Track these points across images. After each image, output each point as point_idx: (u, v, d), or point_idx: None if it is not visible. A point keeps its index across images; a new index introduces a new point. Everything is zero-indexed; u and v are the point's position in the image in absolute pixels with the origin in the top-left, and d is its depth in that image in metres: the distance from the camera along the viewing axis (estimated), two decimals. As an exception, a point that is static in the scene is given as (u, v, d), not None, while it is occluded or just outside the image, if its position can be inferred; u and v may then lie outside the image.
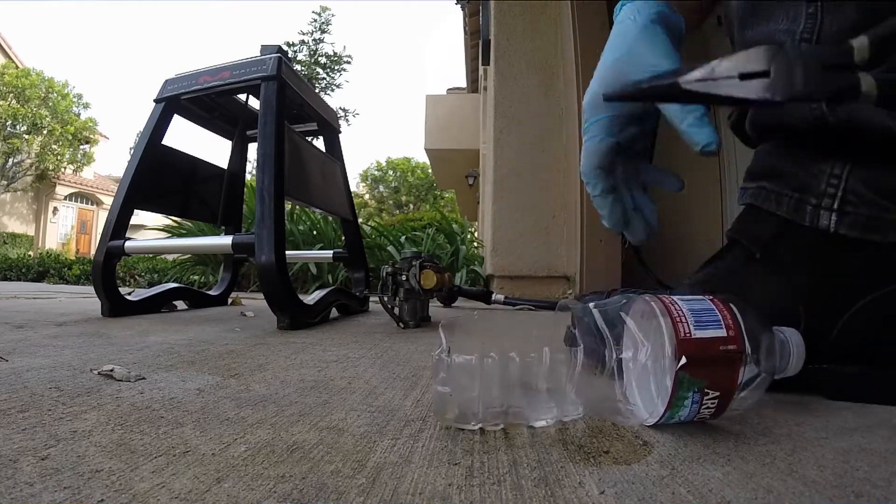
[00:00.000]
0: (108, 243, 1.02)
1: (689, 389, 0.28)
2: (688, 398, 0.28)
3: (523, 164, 1.72)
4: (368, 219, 7.61)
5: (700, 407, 0.29)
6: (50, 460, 0.25)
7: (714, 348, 0.29)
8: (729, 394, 0.29)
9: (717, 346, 0.29)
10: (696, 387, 0.28)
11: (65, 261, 4.38)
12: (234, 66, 1.05)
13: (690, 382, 0.28)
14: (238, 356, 0.57)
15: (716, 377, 0.28)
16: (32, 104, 11.11)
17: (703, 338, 0.29)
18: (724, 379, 0.29)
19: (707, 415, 0.30)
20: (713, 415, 0.30)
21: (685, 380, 0.28)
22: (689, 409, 0.29)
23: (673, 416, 0.30)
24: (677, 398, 0.28)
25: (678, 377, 0.28)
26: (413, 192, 18.56)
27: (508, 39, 1.76)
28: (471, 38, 4.41)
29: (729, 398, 0.29)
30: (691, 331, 0.29)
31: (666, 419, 0.30)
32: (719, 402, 0.29)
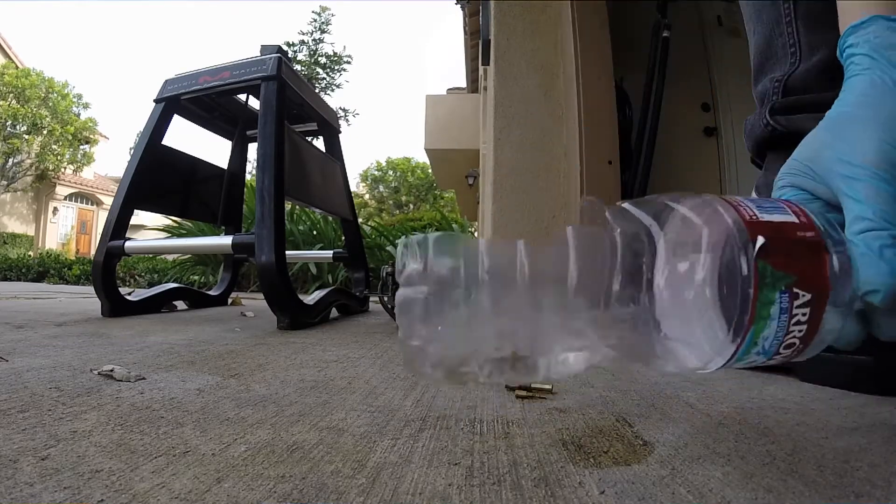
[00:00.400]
0: (108, 243, 1.02)
1: (776, 287, 0.20)
2: (774, 303, 0.21)
3: (523, 164, 1.72)
4: (368, 219, 7.62)
5: (789, 321, 0.21)
6: (50, 460, 0.25)
7: (791, 233, 0.22)
8: (822, 296, 0.21)
9: (794, 230, 0.22)
10: (783, 283, 0.21)
11: (65, 261, 4.39)
12: (234, 66, 1.05)
13: (775, 276, 0.20)
14: (238, 356, 0.57)
15: (804, 270, 0.21)
16: (32, 104, 11.10)
17: (774, 221, 0.22)
18: (814, 272, 0.21)
19: (797, 336, 0.22)
20: (804, 337, 0.22)
21: (768, 272, 0.20)
22: (776, 322, 0.21)
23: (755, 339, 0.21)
24: (762, 302, 0.20)
25: (759, 268, 0.20)
26: (413, 192, 18.56)
27: (508, 39, 1.76)
28: (471, 38, 4.41)
29: (822, 304, 0.21)
30: (757, 214, 0.22)
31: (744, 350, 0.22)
32: (811, 313, 0.21)
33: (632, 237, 0.23)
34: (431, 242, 0.23)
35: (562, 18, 1.71)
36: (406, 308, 0.22)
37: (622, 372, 0.51)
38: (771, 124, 0.53)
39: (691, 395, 0.41)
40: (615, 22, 1.67)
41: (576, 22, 1.57)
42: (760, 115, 0.55)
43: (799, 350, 0.23)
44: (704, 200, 0.23)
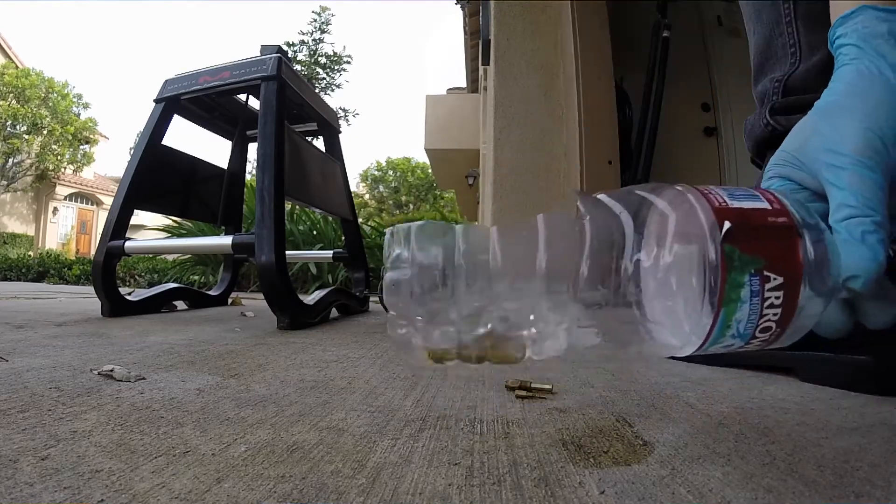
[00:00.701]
0: (108, 243, 1.02)
1: (744, 271, 0.21)
2: (744, 286, 0.21)
3: (523, 164, 1.72)
4: (368, 219, 7.62)
5: (762, 304, 0.21)
6: (50, 460, 0.25)
7: (761, 218, 0.22)
8: (795, 279, 0.21)
9: (765, 216, 0.22)
10: (752, 267, 0.21)
11: (65, 261, 4.38)
12: (234, 66, 1.05)
13: (743, 260, 0.21)
14: (238, 356, 0.57)
15: (774, 254, 0.21)
16: (32, 104, 11.10)
17: (743, 207, 0.22)
18: (785, 256, 0.22)
19: (772, 319, 0.22)
20: (780, 321, 0.22)
21: (735, 256, 0.21)
22: (748, 305, 0.21)
23: (727, 322, 0.22)
24: (730, 285, 0.21)
25: (725, 253, 0.21)
26: (413, 192, 18.56)
27: (508, 39, 1.76)
28: (471, 38, 4.41)
29: (796, 288, 0.21)
30: (727, 201, 0.22)
31: (717, 333, 0.22)
32: (786, 296, 0.21)
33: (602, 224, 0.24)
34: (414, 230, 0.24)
35: (562, 18, 1.71)
36: (393, 289, 0.24)
37: (622, 372, 0.51)
38: (771, 124, 0.53)
39: (691, 395, 0.41)
40: (615, 22, 1.67)
41: (576, 22, 1.57)
42: (760, 115, 0.55)
43: (776, 334, 0.23)
44: (675, 190, 0.23)
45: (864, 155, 0.25)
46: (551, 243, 0.24)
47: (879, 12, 0.28)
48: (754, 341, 0.23)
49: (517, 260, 0.24)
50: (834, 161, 0.25)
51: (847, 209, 0.24)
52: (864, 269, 0.23)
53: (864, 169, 0.24)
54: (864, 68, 0.27)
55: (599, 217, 0.24)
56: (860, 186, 0.24)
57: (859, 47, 0.28)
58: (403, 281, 0.24)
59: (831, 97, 0.28)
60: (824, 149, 0.26)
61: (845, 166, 0.25)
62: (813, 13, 0.50)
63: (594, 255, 0.23)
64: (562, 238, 0.24)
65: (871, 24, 0.28)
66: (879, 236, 0.23)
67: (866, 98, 0.26)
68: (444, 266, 0.24)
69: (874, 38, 0.28)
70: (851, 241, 0.23)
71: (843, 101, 0.27)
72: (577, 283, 0.23)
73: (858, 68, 0.28)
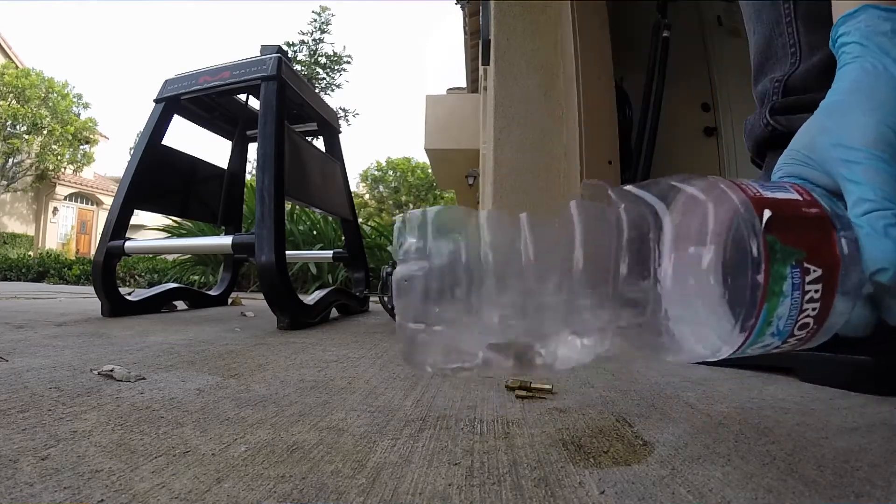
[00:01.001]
0: (108, 243, 1.02)
1: (786, 262, 0.20)
2: (786, 278, 0.20)
3: (523, 164, 1.72)
4: (368, 219, 7.62)
5: (803, 298, 0.20)
6: (50, 460, 0.25)
7: (796, 208, 0.21)
8: (834, 271, 0.21)
9: (798, 207, 0.22)
10: (793, 258, 0.20)
11: (65, 261, 4.38)
12: (234, 66, 1.05)
13: (785, 251, 0.20)
14: (238, 356, 0.57)
15: (813, 244, 0.21)
16: (32, 104, 11.10)
17: (777, 198, 0.21)
18: (822, 247, 0.21)
19: (811, 315, 0.21)
20: (818, 316, 0.21)
21: (777, 247, 0.20)
22: (790, 299, 0.20)
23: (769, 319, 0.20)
24: (773, 277, 0.20)
25: (768, 243, 0.20)
26: (413, 192, 18.56)
27: (508, 39, 1.76)
28: (471, 38, 4.41)
29: (834, 280, 0.21)
30: (761, 192, 0.21)
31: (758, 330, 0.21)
32: (824, 289, 0.21)
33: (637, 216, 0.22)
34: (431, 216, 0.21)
35: (562, 18, 1.71)
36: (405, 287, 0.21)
37: (622, 372, 0.51)
38: (771, 124, 0.53)
39: (691, 395, 0.41)
40: (615, 22, 1.67)
41: (576, 22, 1.57)
42: (761, 115, 0.55)
43: (812, 331, 0.22)
44: (709, 181, 0.22)
45: (878, 148, 0.24)
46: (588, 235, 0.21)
47: (882, 11, 0.28)
48: (791, 339, 0.22)
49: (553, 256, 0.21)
50: (847, 156, 0.25)
51: (867, 203, 0.24)
52: (891, 262, 0.22)
53: (880, 162, 0.24)
54: (869, 65, 0.27)
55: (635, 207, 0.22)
56: (877, 179, 0.24)
57: (863, 45, 0.28)
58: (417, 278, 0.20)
59: (836, 96, 0.28)
60: (835, 145, 0.26)
61: (860, 160, 0.25)
62: (813, 13, 0.50)
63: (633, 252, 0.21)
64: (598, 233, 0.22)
65: (873, 23, 0.28)
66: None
67: (873, 94, 0.26)
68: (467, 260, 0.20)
69: (877, 36, 0.28)
70: (875, 234, 0.23)
71: (849, 98, 0.27)
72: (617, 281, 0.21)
73: (863, 66, 0.28)
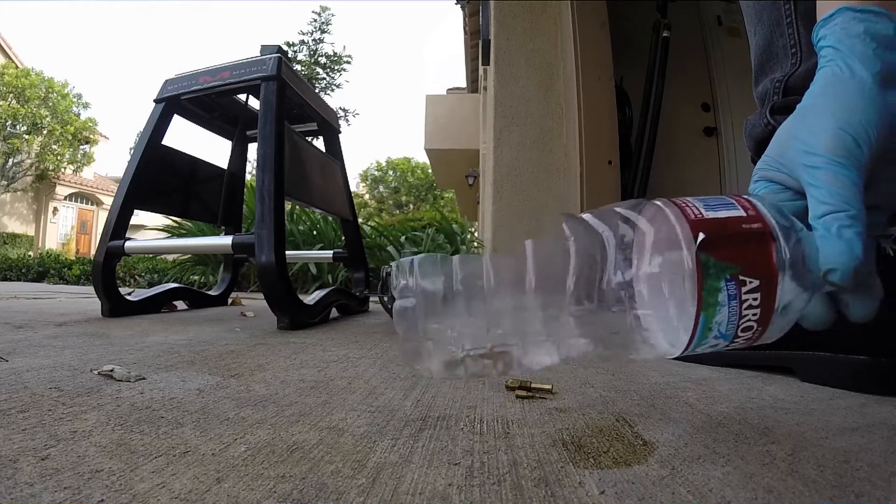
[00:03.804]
0: (108, 243, 1.02)
1: (720, 277, 0.22)
2: (721, 290, 0.23)
3: (523, 163, 1.72)
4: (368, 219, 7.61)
5: (741, 306, 0.23)
6: (50, 460, 0.25)
7: (735, 226, 0.24)
8: (772, 282, 0.23)
9: (738, 224, 0.24)
10: (727, 272, 0.22)
11: (65, 261, 4.38)
12: (234, 67, 1.05)
13: (718, 267, 0.22)
14: (238, 356, 0.57)
15: (748, 259, 0.23)
16: (32, 104, 11.10)
17: (718, 217, 0.24)
18: (758, 260, 0.23)
19: (752, 319, 0.23)
20: (760, 320, 0.24)
21: (711, 264, 0.22)
22: (727, 308, 0.23)
23: (708, 325, 0.23)
24: (707, 291, 0.22)
25: (700, 262, 0.22)
26: (413, 192, 18.56)
27: (508, 39, 1.76)
28: (471, 38, 4.42)
29: (773, 289, 0.23)
30: (702, 212, 0.24)
31: (699, 335, 0.24)
32: (763, 297, 0.23)
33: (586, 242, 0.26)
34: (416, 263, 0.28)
35: (562, 18, 1.71)
36: (401, 316, 0.27)
37: (622, 372, 0.51)
38: (771, 124, 0.53)
39: (691, 395, 0.41)
40: (615, 22, 1.67)
41: (576, 22, 1.57)
42: (761, 115, 0.55)
43: (759, 332, 0.24)
44: (654, 205, 0.25)
45: (836, 154, 0.25)
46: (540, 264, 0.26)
47: (856, 13, 0.29)
48: (738, 339, 0.25)
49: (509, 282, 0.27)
50: (809, 162, 0.26)
51: (823, 206, 0.25)
52: (841, 262, 0.24)
53: (838, 167, 0.25)
54: (838, 69, 0.28)
55: (583, 237, 0.26)
56: (834, 184, 0.25)
57: (836, 48, 0.29)
58: (410, 308, 0.27)
59: (808, 100, 0.29)
60: (801, 150, 0.27)
61: (820, 166, 0.26)
62: (814, 13, 0.50)
63: (580, 272, 0.25)
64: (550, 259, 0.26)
65: (847, 25, 0.29)
66: (856, 230, 0.24)
67: (838, 98, 0.27)
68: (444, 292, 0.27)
69: (850, 39, 0.28)
70: (828, 235, 0.24)
71: (817, 102, 0.28)
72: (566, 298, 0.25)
73: (833, 69, 0.28)
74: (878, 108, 0.26)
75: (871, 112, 0.26)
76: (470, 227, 3.43)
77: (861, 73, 0.27)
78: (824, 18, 0.30)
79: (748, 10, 0.58)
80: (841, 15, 0.29)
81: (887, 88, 0.27)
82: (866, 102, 0.26)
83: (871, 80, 0.27)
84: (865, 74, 0.27)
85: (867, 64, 0.27)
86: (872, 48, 0.27)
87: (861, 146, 0.25)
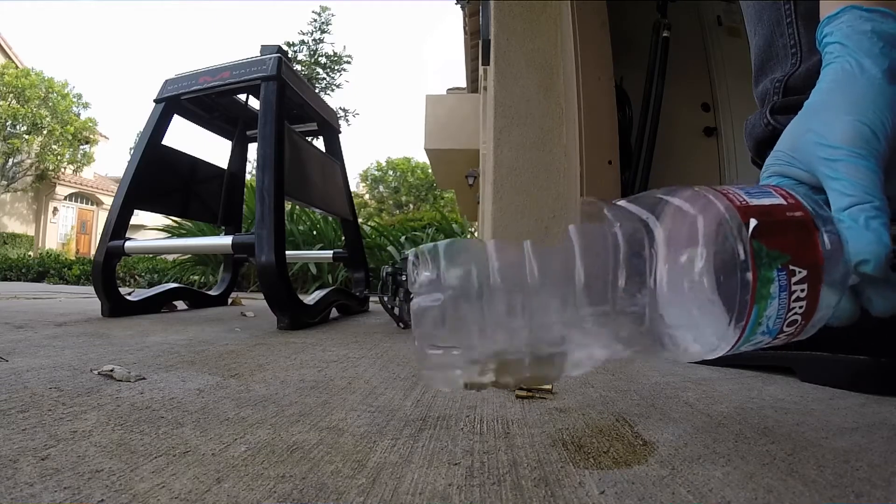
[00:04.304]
0: (108, 243, 1.02)
1: (773, 266, 0.21)
2: (773, 281, 0.21)
3: (523, 163, 1.72)
4: (368, 219, 7.61)
5: (790, 298, 0.22)
6: (50, 460, 0.25)
7: (780, 214, 0.23)
8: (818, 271, 0.22)
9: (783, 212, 0.23)
10: (779, 261, 0.21)
11: (65, 261, 4.38)
12: (234, 67, 1.05)
13: (771, 256, 0.21)
14: (238, 356, 0.57)
15: (797, 247, 0.22)
16: (32, 104, 11.10)
17: (763, 204, 0.23)
18: (806, 249, 0.22)
19: (798, 312, 0.23)
20: (805, 313, 0.23)
21: (763, 252, 0.21)
22: (777, 301, 0.22)
23: (759, 319, 0.22)
24: (761, 281, 0.21)
25: (754, 249, 0.21)
26: (413, 192, 18.56)
27: (508, 39, 1.76)
28: (471, 38, 4.41)
29: (819, 279, 0.22)
30: (746, 199, 0.23)
31: (749, 330, 0.22)
32: (809, 288, 0.22)
33: (632, 232, 0.23)
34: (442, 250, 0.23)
35: (562, 18, 1.71)
36: (421, 317, 0.22)
37: (622, 372, 0.51)
38: (772, 124, 0.53)
39: (691, 395, 0.41)
40: (615, 22, 1.67)
41: (576, 22, 1.57)
42: (761, 115, 0.55)
43: (801, 327, 0.23)
44: (696, 191, 0.24)
45: (856, 145, 0.25)
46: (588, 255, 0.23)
47: (863, 11, 0.29)
48: (781, 336, 0.24)
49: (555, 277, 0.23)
50: (828, 154, 0.26)
51: (847, 198, 0.25)
52: (873, 253, 0.23)
53: (859, 158, 0.25)
54: (848, 65, 0.28)
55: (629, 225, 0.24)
56: (857, 175, 0.25)
57: (843, 45, 0.29)
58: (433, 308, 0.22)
59: (818, 95, 0.29)
60: (817, 143, 0.27)
61: (840, 158, 0.25)
62: (814, 13, 0.50)
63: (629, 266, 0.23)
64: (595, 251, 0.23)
65: (854, 23, 0.29)
66: (882, 220, 0.24)
67: (851, 92, 0.27)
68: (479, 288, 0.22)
69: (857, 36, 0.28)
70: (856, 227, 0.24)
71: (829, 97, 0.28)
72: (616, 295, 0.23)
73: (842, 65, 0.28)
74: (890, 103, 0.26)
75: (884, 106, 0.26)
76: (470, 227, 3.43)
77: (871, 69, 0.27)
78: (829, 16, 0.30)
79: (748, 10, 0.58)
80: (847, 13, 0.29)
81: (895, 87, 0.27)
82: (879, 97, 0.26)
83: (881, 77, 0.27)
84: (875, 70, 0.27)
85: (876, 61, 0.27)
86: (880, 46, 0.27)
87: (879, 137, 0.25)
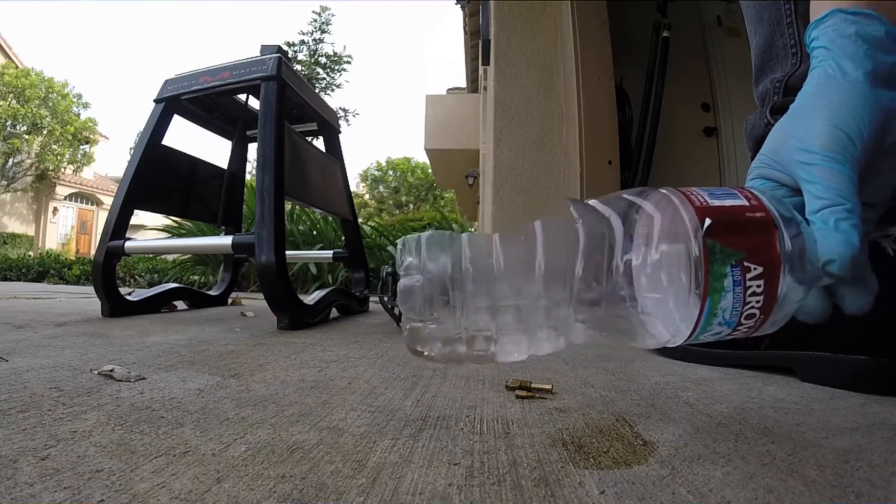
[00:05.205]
0: (108, 243, 1.02)
1: (726, 262, 0.23)
2: (726, 276, 0.23)
3: (523, 163, 1.72)
4: (368, 219, 7.61)
5: (745, 293, 0.23)
6: (50, 460, 0.25)
7: (740, 214, 0.24)
8: (775, 268, 0.23)
9: (743, 212, 0.24)
10: (733, 258, 0.23)
11: (65, 261, 4.39)
12: (234, 67, 1.05)
13: (724, 253, 0.23)
14: (238, 356, 0.57)
15: (753, 246, 0.23)
16: (32, 104, 11.10)
17: (723, 205, 0.24)
18: (763, 248, 0.23)
19: (755, 306, 0.24)
20: (763, 307, 0.24)
21: (717, 249, 0.23)
22: (731, 294, 0.23)
23: (713, 311, 0.23)
24: (713, 276, 0.23)
25: (707, 246, 0.23)
26: (413, 192, 18.56)
27: (508, 39, 1.76)
28: (471, 38, 4.41)
29: (776, 276, 0.23)
30: (707, 200, 0.24)
31: (704, 321, 0.24)
32: (766, 284, 0.23)
33: (594, 226, 0.26)
34: (423, 240, 0.27)
35: (562, 18, 1.71)
36: (406, 295, 0.27)
37: (622, 372, 0.51)
38: (772, 124, 0.53)
39: (691, 395, 0.41)
40: (615, 22, 1.67)
41: (576, 22, 1.57)
42: (761, 115, 0.55)
43: (761, 320, 0.25)
44: (660, 192, 0.26)
45: (831, 150, 0.26)
46: (548, 247, 0.26)
47: (848, 15, 0.29)
48: (741, 328, 0.25)
49: (518, 264, 0.26)
50: (805, 159, 0.27)
51: (820, 201, 0.26)
52: (840, 253, 0.24)
53: (833, 163, 0.26)
54: (830, 69, 0.29)
55: (591, 221, 0.26)
56: (830, 179, 0.26)
57: (828, 49, 0.29)
58: (415, 287, 0.26)
59: (801, 99, 0.30)
60: (796, 148, 0.28)
61: (815, 162, 0.26)
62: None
63: (588, 257, 0.25)
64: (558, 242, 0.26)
65: (839, 27, 0.29)
66: (852, 222, 0.25)
67: (831, 97, 0.28)
68: (452, 272, 0.26)
69: (841, 39, 0.29)
70: (826, 228, 0.25)
71: (810, 101, 0.29)
72: (574, 282, 0.25)
73: (825, 69, 0.29)
74: (870, 106, 0.27)
75: (863, 110, 0.26)
76: (470, 227, 3.43)
77: (853, 72, 0.28)
78: (817, 20, 0.31)
79: (748, 10, 0.58)
80: (833, 17, 0.30)
81: (878, 87, 0.27)
82: (858, 101, 0.27)
83: (862, 80, 0.27)
84: (857, 74, 0.27)
85: (858, 64, 0.28)
86: (864, 49, 0.28)
87: (854, 142, 0.26)
